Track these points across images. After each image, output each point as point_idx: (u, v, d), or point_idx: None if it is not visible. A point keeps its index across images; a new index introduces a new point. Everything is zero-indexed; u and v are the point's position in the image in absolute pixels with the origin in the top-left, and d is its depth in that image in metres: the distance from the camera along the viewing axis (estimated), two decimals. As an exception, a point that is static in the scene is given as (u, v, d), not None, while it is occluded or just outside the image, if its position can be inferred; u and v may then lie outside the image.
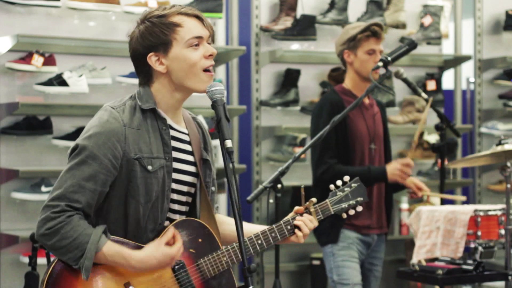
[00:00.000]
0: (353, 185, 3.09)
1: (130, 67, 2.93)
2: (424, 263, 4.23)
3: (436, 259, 4.26)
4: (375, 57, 4.45)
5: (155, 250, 2.72)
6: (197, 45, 2.81)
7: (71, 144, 5.08)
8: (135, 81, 5.35)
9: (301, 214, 2.97)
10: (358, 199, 3.08)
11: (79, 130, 5.19)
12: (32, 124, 5.13)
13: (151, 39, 2.80)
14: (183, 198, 2.90)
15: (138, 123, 2.79)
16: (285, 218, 2.98)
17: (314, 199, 3.01)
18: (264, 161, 5.89)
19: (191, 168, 2.91)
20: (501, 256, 4.37)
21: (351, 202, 3.06)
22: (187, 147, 2.91)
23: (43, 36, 5.18)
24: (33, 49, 5.10)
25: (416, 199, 6.27)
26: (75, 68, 5.26)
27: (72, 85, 5.15)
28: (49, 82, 5.14)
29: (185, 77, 2.80)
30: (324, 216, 3.02)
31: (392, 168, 4.41)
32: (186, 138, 2.91)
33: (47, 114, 5.20)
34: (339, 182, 3.07)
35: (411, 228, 4.39)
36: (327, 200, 3.04)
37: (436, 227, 4.22)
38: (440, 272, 4.10)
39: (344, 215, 3.07)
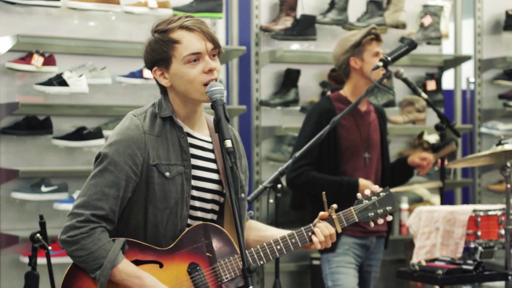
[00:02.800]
0: (381, 194, 3.07)
1: (130, 67, 2.94)
2: (424, 263, 4.23)
3: (436, 259, 4.26)
4: (379, 58, 4.46)
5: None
6: (195, 60, 2.81)
7: (71, 144, 5.18)
8: (135, 81, 5.34)
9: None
10: (387, 208, 3.06)
11: (79, 130, 5.19)
12: (32, 124, 5.12)
13: (153, 54, 2.85)
14: (207, 206, 2.91)
15: (158, 130, 2.83)
16: (308, 225, 2.99)
17: (334, 206, 3.02)
18: (264, 161, 5.89)
19: (214, 176, 2.92)
20: (501, 256, 4.37)
21: (379, 211, 3.05)
22: (209, 155, 2.92)
23: (43, 36, 5.17)
24: (33, 49, 5.10)
25: (416, 199, 6.27)
26: (75, 68, 5.26)
27: (72, 85, 5.15)
28: (49, 82, 5.14)
29: (186, 92, 2.84)
30: (348, 223, 3.02)
31: (366, 186, 4.35)
32: (209, 146, 2.93)
33: (47, 114, 5.20)
34: (367, 191, 3.06)
35: (410, 229, 4.38)
36: (351, 208, 3.04)
37: (435, 228, 4.22)
38: (440, 272, 4.10)
39: (372, 224, 3.07)
